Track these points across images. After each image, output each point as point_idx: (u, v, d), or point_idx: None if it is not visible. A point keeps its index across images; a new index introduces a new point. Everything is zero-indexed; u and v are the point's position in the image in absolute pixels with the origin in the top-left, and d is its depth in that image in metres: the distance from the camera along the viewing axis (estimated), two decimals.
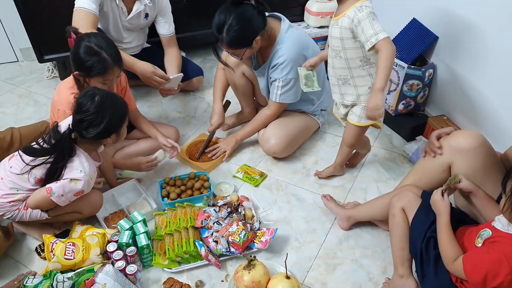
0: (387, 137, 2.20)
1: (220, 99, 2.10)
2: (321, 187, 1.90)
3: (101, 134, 1.46)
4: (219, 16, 1.68)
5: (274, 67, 1.85)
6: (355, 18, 1.37)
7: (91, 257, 1.50)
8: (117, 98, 1.52)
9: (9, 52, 2.90)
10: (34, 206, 1.52)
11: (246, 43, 1.72)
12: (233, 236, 1.53)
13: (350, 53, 1.47)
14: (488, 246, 1.12)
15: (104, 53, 1.57)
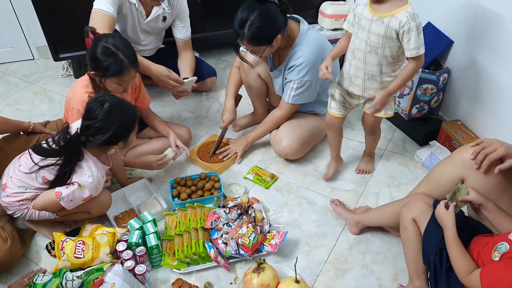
0: (400, 141, 2.17)
1: (232, 95, 2.10)
2: (332, 191, 1.88)
3: (108, 142, 1.45)
4: (243, 11, 1.67)
5: (291, 68, 1.83)
6: (406, 25, 1.41)
7: (100, 256, 1.50)
8: (127, 106, 1.51)
9: (25, 50, 2.95)
10: (41, 208, 1.54)
11: (267, 41, 1.71)
12: (242, 238, 1.52)
13: (387, 51, 1.50)
14: (506, 262, 1.08)
15: (121, 54, 1.58)
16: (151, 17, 2.03)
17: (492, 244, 1.15)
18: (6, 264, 1.50)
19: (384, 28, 1.45)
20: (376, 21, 1.46)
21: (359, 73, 1.60)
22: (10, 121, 1.78)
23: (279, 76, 1.95)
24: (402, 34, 1.43)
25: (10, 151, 1.74)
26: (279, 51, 1.86)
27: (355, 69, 1.60)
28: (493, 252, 1.13)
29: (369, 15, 1.48)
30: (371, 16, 1.47)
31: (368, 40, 1.50)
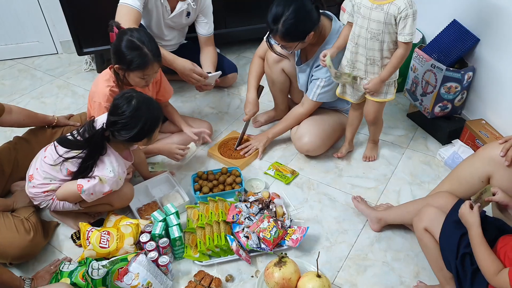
0: (422, 139, 2.15)
1: (255, 87, 2.08)
2: (353, 188, 1.88)
3: (133, 138, 1.47)
4: (277, 6, 1.65)
5: (320, 66, 1.83)
6: (404, 11, 1.48)
7: (124, 246, 1.53)
8: (153, 103, 1.52)
9: (50, 45, 3.01)
10: (62, 198, 1.57)
11: (300, 37, 1.71)
12: (264, 232, 1.53)
13: (387, 37, 1.57)
14: None
15: (145, 48, 1.60)
16: (175, 12, 2.06)
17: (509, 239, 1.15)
18: (28, 255, 1.53)
19: (383, 15, 1.52)
20: (375, 9, 1.53)
21: (361, 58, 1.66)
22: (37, 115, 1.83)
23: (305, 71, 1.95)
24: (399, 20, 1.51)
25: (36, 144, 1.79)
26: (308, 47, 1.85)
27: (356, 55, 1.67)
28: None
29: (368, 3, 1.54)
30: (370, 4, 1.54)
31: (369, 27, 1.57)
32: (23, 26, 2.88)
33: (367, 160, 2.03)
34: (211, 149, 2.07)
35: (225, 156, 2.03)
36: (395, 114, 2.33)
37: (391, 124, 2.25)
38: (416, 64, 2.11)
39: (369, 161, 2.03)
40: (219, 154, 2.04)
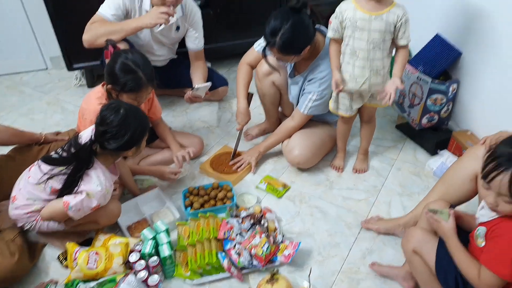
0: (411, 151, 2.17)
1: (244, 96, 2.05)
2: (345, 201, 1.89)
3: (123, 147, 1.47)
4: (276, 19, 1.66)
5: (312, 80, 1.85)
6: (403, 18, 1.57)
7: (113, 266, 1.50)
8: (140, 112, 1.53)
9: (39, 60, 2.99)
10: (47, 218, 1.54)
11: (297, 51, 1.72)
12: (256, 248, 1.53)
13: (386, 44, 1.63)
14: (491, 238, 1.13)
15: (140, 72, 1.61)
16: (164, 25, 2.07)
17: (472, 238, 1.20)
18: (13, 278, 1.49)
19: (384, 24, 1.57)
20: (375, 19, 1.57)
21: (365, 72, 1.67)
22: (23, 133, 1.81)
23: (298, 83, 1.96)
24: (399, 26, 1.58)
25: (21, 161, 1.76)
26: (301, 60, 1.87)
27: (360, 69, 1.67)
28: (476, 241, 1.18)
29: (365, 16, 1.58)
30: (368, 16, 1.57)
31: (370, 38, 1.60)
32: (12, 42, 2.87)
33: (358, 173, 2.04)
34: (202, 165, 2.07)
35: (218, 171, 2.03)
36: (384, 126, 2.36)
37: (380, 135, 2.27)
38: (403, 76, 2.14)
39: (359, 173, 2.04)
40: (211, 169, 2.03)
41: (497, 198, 1.08)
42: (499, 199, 1.08)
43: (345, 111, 1.85)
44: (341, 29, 1.65)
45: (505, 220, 1.12)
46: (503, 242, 1.10)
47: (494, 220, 1.16)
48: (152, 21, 1.89)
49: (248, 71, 2.07)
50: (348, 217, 1.80)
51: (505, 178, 1.04)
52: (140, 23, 1.93)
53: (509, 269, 1.08)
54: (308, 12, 1.70)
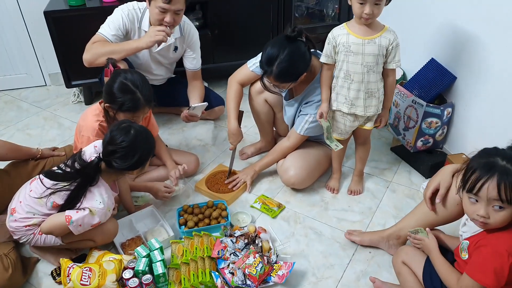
0: (405, 173, 2.19)
1: (235, 117, 2.03)
2: (339, 222, 1.88)
3: (131, 167, 1.49)
4: (272, 48, 1.69)
5: (309, 103, 1.88)
6: (394, 42, 1.62)
7: (106, 283, 1.49)
8: (149, 134, 1.56)
9: (38, 77, 3.03)
10: (48, 231, 1.53)
11: (294, 78, 1.75)
12: (249, 268, 1.52)
13: (379, 67, 1.67)
14: (474, 250, 1.19)
15: (138, 92, 1.63)
16: (162, 46, 2.11)
17: (457, 252, 1.28)
18: None
19: (377, 48, 1.62)
20: (368, 43, 1.62)
21: (360, 94, 1.71)
22: (20, 148, 1.81)
23: (293, 106, 1.98)
24: (391, 49, 1.63)
25: (16, 176, 1.77)
26: (298, 84, 1.90)
27: (356, 92, 1.71)
28: (461, 254, 1.24)
29: (358, 40, 1.63)
30: (361, 41, 1.62)
31: (364, 62, 1.64)
32: (12, 58, 2.91)
33: (353, 194, 2.05)
34: (198, 184, 2.07)
35: (213, 191, 2.02)
36: (379, 148, 2.38)
37: (376, 157, 2.29)
38: (398, 99, 2.18)
39: (354, 195, 2.05)
40: (207, 188, 2.03)
41: (488, 208, 1.12)
42: (489, 208, 1.12)
43: (340, 135, 1.88)
44: (334, 54, 1.70)
45: (488, 233, 1.18)
46: (486, 251, 1.14)
47: (477, 234, 1.22)
48: (151, 39, 1.93)
49: (239, 90, 2.06)
50: (343, 239, 1.79)
51: (492, 184, 1.09)
52: (140, 43, 1.96)
53: (491, 278, 1.12)
54: (304, 40, 1.73)
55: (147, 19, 2.09)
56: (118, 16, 2.06)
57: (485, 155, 1.15)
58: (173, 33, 2.07)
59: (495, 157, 1.12)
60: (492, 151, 1.15)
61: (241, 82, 2.06)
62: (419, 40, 2.31)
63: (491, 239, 1.16)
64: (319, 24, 2.97)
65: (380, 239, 1.70)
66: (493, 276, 1.11)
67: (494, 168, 1.10)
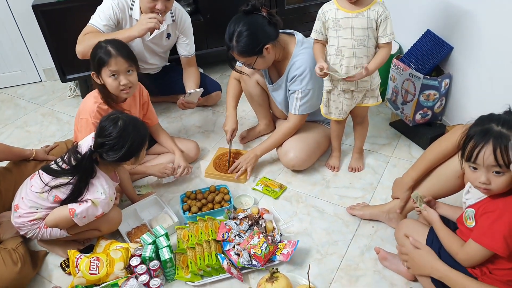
0: (405, 147, 2.19)
1: (233, 106, 2.15)
2: (341, 199, 1.90)
3: (121, 158, 1.49)
4: (230, 25, 1.77)
5: (293, 79, 1.88)
6: (382, 14, 1.59)
7: (115, 271, 1.52)
8: (139, 122, 1.55)
9: (33, 73, 3.02)
10: (53, 225, 1.55)
11: (256, 51, 1.76)
12: (254, 248, 1.54)
13: (371, 41, 1.64)
14: (481, 215, 1.18)
15: (109, 46, 1.65)
16: (154, 33, 2.10)
17: (461, 221, 1.27)
18: (16, 287, 1.50)
19: (366, 21, 1.61)
20: (356, 17, 1.61)
21: (350, 70, 1.69)
22: (12, 149, 1.80)
23: (279, 89, 2.00)
24: (380, 22, 1.61)
25: (18, 174, 1.78)
26: (277, 64, 1.91)
27: (346, 67, 1.69)
28: (466, 222, 1.24)
29: (346, 14, 1.62)
30: (349, 15, 1.61)
31: (354, 35, 1.63)
32: (5, 56, 2.89)
33: (353, 171, 2.06)
34: (208, 169, 2.07)
35: (224, 172, 2.04)
36: (378, 124, 2.38)
37: (375, 133, 2.29)
38: (395, 74, 2.17)
39: (355, 172, 2.06)
40: (218, 171, 2.04)
41: (488, 174, 1.12)
42: (490, 174, 1.12)
43: (337, 115, 1.87)
44: (324, 30, 1.69)
45: (493, 198, 1.17)
46: (494, 216, 1.14)
47: (482, 201, 1.21)
48: (143, 27, 1.92)
49: (236, 85, 2.17)
50: (345, 215, 1.81)
51: (488, 150, 1.09)
52: (132, 32, 1.95)
53: (501, 242, 1.11)
54: (264, 14, 1.76)
55: (137, 7, 2.07)
56: (109, 5, 2.04)
57: (481, 123, 1.15)
58: (165, 20, 2.05)
59: (490, 123, 1.12)
60: (487, 118, 1.15)
61: (237, 77, 2.15)
62: (414, 12, 2.28)
63: (498, 203, 1.14)
64: (312, 2, 2.93)
65: (381, 213, 1.72)
66: (503, 240, 1.10)
67: (489, 134, 1.10)
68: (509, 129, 1.09)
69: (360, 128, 2.00)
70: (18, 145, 1.92)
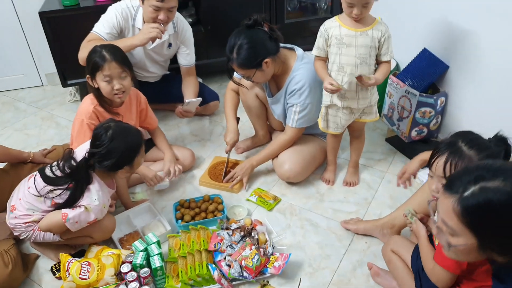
0: (401, 163, 2.20)
1: (233, 117, 2.16)
2: (335, 213, 1.90)
3: (112, 167, 1.50)
4: (232, 38, 1.79)
5: (292, 92, 1.89)
6: (386, 33, 1.64)
7: (105, 277, 1.51)
8: (131, 132, 1.54)
9: (35, 77, 3.04)
10: (46, 229, 1.55)
11: (255, 64, 1.78)
12: (246, 260, 1.54)
13: (372, 59, 1.69)
14: None
15: (104, 51, 1.67)
16: (156, 43, 2.12)
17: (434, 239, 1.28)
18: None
19: (369, 39, 1.64)
20: (360, 35, 1.64)
21: (352, 87, 1.72)
22: (10, 151, 1.82)
23: (277, 103, 2.01)
24: (383, 41, 1.65)
25: (15, 176, 1.79)
26: (276, 78, 1.93)
27: (349, 84, 1.71)
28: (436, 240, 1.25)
29: (350, 32, 1.64)
30: (353, 33, 1.64)
31: (357, 53, 1.66)
32: (9, 60, 2.92)
33: (348, 186, 2.06)
34: (202, 177, 2.08)
35: (219, 181, 2.04)
36: (374, 139, 2.39)
37: (371, 148, 2.30)
38: (392, 90, 2.19)
39: (350, 186, 2.06)
40: (212, 180, 2.05)
41: (438, 184, 1.16)
42: (439, 184, 1.15)
43: (335, 129, 1.89)
44: (326, 46, 1.71)
45: None
46: None
47: None
48: (145, 36, 1.95)
49: (233, 96, 2.19)
50: (339, 230, 1.81)
51: (441, 161, 1.13)
52: (135, 41, 1.98)
53: (451, 262, 1.12)
54: (265, 29, 1.78)
55: (140, 16, 2.10)
56: (112, 14, 2.07)
57: (454, 136, 1.19)
58: (167, 30, 2.08)
59: (459, 138, 1.15)
60: (460, 133, 1.18)
61: (234, 89, 2.18)
62: (411, 30, 2.32)
63: None
64: (312, 17, 2.98)
65: (374, 228, 1.72)
66: (454, 262, 1.12)
67: (450, 147, 1.13)
68: (470, 149, 1.12)
69: (357, 142, 2.02)
70: (16, 147, 1.92)
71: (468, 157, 1.13)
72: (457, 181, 0.93)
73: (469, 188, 0.90)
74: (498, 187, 0.87)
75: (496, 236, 0.91)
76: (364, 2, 1.55)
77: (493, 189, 0.88)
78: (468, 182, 0.91)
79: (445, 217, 0.95)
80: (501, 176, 0.88)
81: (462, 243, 0.94)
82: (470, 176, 0.92)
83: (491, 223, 0.90)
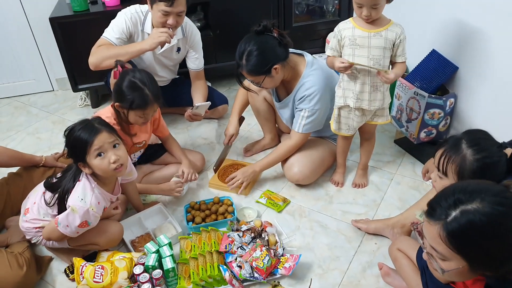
0: (410, 165, 2.20)
1: (237, 113, 2.22)
2: (344, 215, 1.91)
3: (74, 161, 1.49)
4: (241, 44, 1.80)
5: (302, 98, 1.90)
6: (401, 35, 1.65)
7: (118, 280, 1.52)
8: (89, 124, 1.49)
9: (46, 82, 3.09)
10: (46, 237, 1.57)
11: (264, 71, 1.79)
12: (257, 261, 1.55)
13: (386, 61, 1.68)
14: None
15: (146, 89, 1.66)
16: (165, 47, 2.15)
17: None
18: None
19: (383, 41, 1.64)
20: (374, 36, 1.64)
21: (365, 88, 1.73)
22: (23, 155, 1.85)
23: (285, 107, 2.03)
24: (398, 43, 1.65)
25: (28, 179, 1.83)
26: (286, 83, 1.95)
27: (361, 85, 1.73)
28: None
29: (364, 33, 1.65)
30: (367, 34, 1.64)
31: (371, 54, 1.66)
32: (21, 65, 2.97)
33: (357, 187, 2.07)
34: (212, 180, 2.10)
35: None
36: (382, 141, 2.39)
37: (379, 150, 2.31)
38: (400, 92, 2.20)
39: (359, 188, 2.07)
40: (222, 183, 2.06)
41: (435, 174, 1.18)
42: (434, 174, 1.18)
43: (347, 131, 1.90)
44: (339, 47, 1.72)
45: None
46: None
47: None
48: (154, 41, 1.97)
49: (245, 93, 2.21)
50: (348, 231, 1.81)
51: (439, 153, 1.15)
52: (144, 45, 2.01)
53: None
54: (275, 35, 1.79)
55: (149, 21, 2.13)
56: (122, 19, 2.11)
57: (464, 132, 1.20)
58: (176, 35, 2.11)
59: (466, 135, 1.17)
60: (469, 131, 1.20)
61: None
62: (420, 32, 2.32)
63: None
64: (320, 21, 2.99)
65: (385, 227, 1.72)
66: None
67: (451, 142, 1.15)
68: (469, 147, 1.13)
69: (367, 144, 2.02)
70: (28, 151, 1.96)
71: (462, 155, 1.15)
72: (438, 207, 0.95)
73: (451, 213, 0.92)
74: (477, 209, 0.90)
75: (484, 256, 0.92)
76: (373, 4, 1.55)
77: (473, 211, 0.90)
78: (449, 207, 0.93)
79: (433, 244, 0.97)
80: (478, 198, 0.91)
81: (454, 267, 0.95)
82: (449, 201, 0.94)
83: (477, 244, 0.92)
